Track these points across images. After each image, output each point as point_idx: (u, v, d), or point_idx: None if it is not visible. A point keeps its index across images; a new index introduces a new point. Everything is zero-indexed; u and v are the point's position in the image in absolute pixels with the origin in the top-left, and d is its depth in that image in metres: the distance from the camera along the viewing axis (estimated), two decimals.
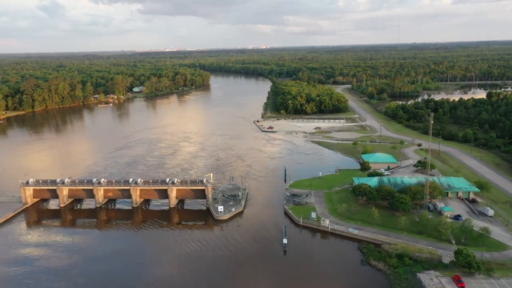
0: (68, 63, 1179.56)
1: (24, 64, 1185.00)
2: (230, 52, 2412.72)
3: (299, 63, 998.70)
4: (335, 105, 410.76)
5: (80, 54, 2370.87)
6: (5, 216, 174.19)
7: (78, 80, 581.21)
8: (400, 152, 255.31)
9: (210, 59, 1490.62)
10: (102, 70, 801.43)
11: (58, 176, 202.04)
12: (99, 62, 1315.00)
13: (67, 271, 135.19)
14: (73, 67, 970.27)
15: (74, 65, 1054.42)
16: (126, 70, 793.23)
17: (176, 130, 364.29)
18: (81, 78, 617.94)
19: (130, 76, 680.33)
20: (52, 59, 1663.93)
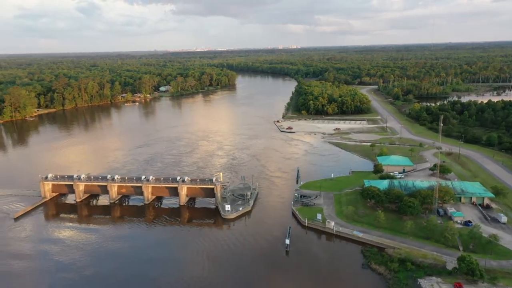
0: (101, 63, 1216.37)
1: (60, 63, 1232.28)
2: (260, 52, 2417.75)
3: (326, 63, 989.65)
4: (357, 106, 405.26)
5: (114, 54, 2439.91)
6: (23, 209, 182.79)
7: (107, 79, 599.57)
8: (418, 155, 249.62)
9: (238, 59, 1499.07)
10: (132, 70, 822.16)
11: (78, 172, 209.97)
12: (131, 61, 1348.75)
13: (77, 263, 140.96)
14: (105, 66, 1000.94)
15: (107, 65, 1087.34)
16: (154, 70, 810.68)
17: (197, 129, 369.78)
18: (111, 77, 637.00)
19: (157, 75, 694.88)
20: (87, 58, 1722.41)
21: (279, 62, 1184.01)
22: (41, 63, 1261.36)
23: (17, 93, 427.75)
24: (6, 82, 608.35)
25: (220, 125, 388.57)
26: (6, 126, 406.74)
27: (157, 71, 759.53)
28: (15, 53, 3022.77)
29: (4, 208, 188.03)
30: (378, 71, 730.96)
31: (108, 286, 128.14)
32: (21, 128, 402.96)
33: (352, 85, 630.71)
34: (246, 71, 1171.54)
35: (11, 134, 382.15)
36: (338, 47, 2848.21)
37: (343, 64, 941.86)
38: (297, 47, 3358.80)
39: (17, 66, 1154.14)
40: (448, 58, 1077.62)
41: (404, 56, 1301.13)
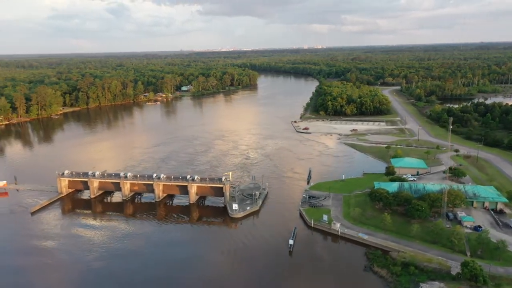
0: (127, 63, 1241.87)
1: (88, 63, 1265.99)
2: (284, 52, 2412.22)
3: (350, 64, 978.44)
4: (377, 107, 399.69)
5: (141, 54, 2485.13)
6: (40, 204, 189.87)
7: (130, 79, 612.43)
8: (434, 158, 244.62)
9: (262, 59, 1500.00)
10: (155, 70, 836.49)
11: (93, 169, 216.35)
12: (156, 61, 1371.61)
13: (87, 255, 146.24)
14: (130, 66, 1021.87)
15: (132, 65, 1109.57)
16: (177, 70, 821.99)
17: (214, 128, 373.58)
18: (134, 77, 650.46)
19: (179, 75, 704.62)
20: (114, 58, 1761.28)
21: (302, 62, 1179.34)
22: (70, 63, 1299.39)
23: (44, 92, 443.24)
24: (35, 81, 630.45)
25: (237, 124, 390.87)
26: (33, 123, 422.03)
27: (179, 71, 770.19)
28: (47, 53, 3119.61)
29: (23, 203, 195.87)
30: (402, 71, 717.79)
31: (116, 280, 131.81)
32: (46, 125, 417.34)
33: (375, 86, 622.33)
34: (269, 71, 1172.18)
35: (37, 131, 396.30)
36: (364, 47, 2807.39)
37: (367, 64, 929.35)
38: (322, 47, 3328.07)
39: (47, 66, 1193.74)
40: (477, 59, 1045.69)
41: (431, 56, 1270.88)
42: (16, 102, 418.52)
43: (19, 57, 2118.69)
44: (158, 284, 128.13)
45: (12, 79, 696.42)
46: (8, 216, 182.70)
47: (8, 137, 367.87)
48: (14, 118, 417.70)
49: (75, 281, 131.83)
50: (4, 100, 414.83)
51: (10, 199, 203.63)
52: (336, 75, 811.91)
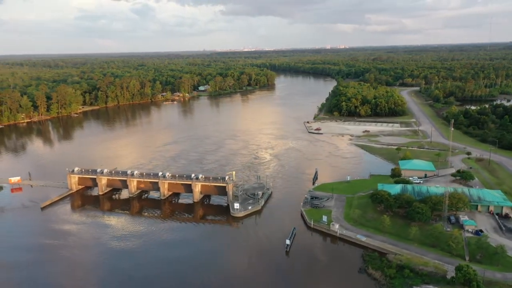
0: (149, 62, 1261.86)
1: (112, 63, 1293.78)
2: (306, 52, 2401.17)
3: (370, 64, 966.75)
4: (391, 108, 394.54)
5: (164, 54, 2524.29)
6: (50, 199, 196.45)
7: (149, 79, 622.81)
8: (445, 160, 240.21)
9: (282, 59, 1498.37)
10: (175, 69, 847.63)
11: (101, 166, 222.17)
12: (178, 61, 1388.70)
13: (91, 250, 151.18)
14: (151, 66, 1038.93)
15: (154, 64, 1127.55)
16: (196, 70, 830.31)
17: (227, 128, 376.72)
18: (153, 77, 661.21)
19: (197, 75, 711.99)
20: (137, 58, 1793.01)
21: (321, 62, 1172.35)
22: (94, 63, 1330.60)
23: (64, 91, 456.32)
24: (59, 81, 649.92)
25: (250, 124, 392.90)
26: (53, 121, 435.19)
27: (198, 71, 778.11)
28: (74, 53, 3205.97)
29: (35, 198, 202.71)
30: (422, 72, 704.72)
31: (116, 275, 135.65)
32: (65, 123, 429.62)
33: (393, 87, 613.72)
34: (288, 71, 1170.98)
35: (56, 129, 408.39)
36: (388, 47, 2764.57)
37: (388, 64, 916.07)
38: (345, 47, 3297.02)
39: (73, 65, 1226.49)
40: (504, 59, 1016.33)
41: (455, 56, 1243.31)
42: (37, 100, 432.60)
43: (47, 57, 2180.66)
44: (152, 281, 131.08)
45: (37, 78, 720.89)
46: (19, 210, 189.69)
47: (29, 134, 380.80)
48: (35, 116, 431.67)
49: (77, 276, 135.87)
50: (26, 98, 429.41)
51: (24, 194, 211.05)
52: (355, 76, 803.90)
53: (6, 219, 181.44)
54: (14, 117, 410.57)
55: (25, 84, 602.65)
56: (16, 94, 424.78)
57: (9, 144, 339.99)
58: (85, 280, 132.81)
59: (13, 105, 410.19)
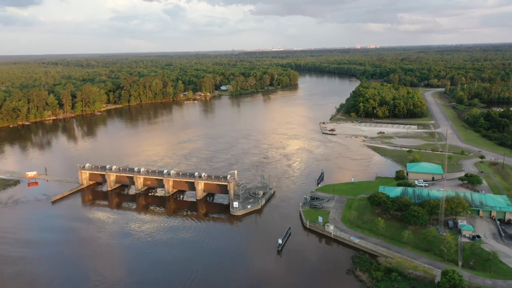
0: (176, 62, 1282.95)
1: (141, 62, 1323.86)
2: (334, 51, 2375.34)
3: (396, 64, 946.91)
4: (410, 109, 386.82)
5: (192, 54, 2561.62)
6: (61, 194, 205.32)
7: (172, 78, 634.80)
8: (456, 164, 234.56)
9: (308, 59, 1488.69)
10: (200, 69, 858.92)
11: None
12: (204, 61, 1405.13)
13: (98, 241, 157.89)
14: (178, 65, 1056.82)
15: (180, 64, 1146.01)
16: (221, 69, 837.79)
17: (242, 127, 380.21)
18: (176, 76, 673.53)
19: (220, 75, 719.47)
20: (167, 58, 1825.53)
21: (347, 62, 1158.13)
22: (124, 62, 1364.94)
23: (88, 90, 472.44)
24: (87, 80, 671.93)
25: (266, 124, 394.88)
26: (77, 119, 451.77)
27: (221, 71, 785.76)
28: (107, 53, 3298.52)
29: (49, 192, 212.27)
30: (450, 72, 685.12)
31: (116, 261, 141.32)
32: (89, 121, 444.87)
33: (417, 88, 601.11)
34: (313, 71, 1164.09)
35: (80, 126, 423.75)
36: (420, 47, 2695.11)
37: (415, 65, 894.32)
38: (375, 47, 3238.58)
39: (103, 65, 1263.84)
40: None
41: (488, 56, 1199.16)
42: (63, 99, 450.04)
43: (81, 57, 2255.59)
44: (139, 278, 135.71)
45: (68, 77, 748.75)
46: (32, 203, 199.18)
47: (53, 131, 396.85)
48: (61, 114, 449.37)
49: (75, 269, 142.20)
50: (53, 97, 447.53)
51: (39, 188, 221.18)
52: (380, 76, 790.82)
53: (16, 211, 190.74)
54: (40, 114, 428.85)
55: (55, 83, 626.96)
56: (43, 92, 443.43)
57: (33, 140, 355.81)
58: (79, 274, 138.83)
59: (39, 103, 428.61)
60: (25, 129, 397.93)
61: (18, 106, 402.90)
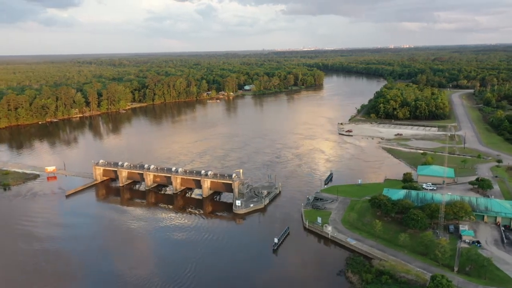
0: (204, 62, 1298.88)
1: (170, 62, 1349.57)
2: (365, 51, 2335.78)
3: (426, 64, 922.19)
4: (432, 111, 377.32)
5: (222, 53, 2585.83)
6: (75, 188, 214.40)
7: (197, 77, 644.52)
8: (471, 167, 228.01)
9: (336, 59, 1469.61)
10: (226, 69, 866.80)
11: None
12: (233, 60, 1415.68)
13: (105, 233, 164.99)
14: (205, 65, 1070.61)
15: (209, 64, 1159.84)
16: (247, 69, 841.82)
17: (259, 126, 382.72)
18: (201, 75, 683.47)
19: (245, 74, 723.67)
20: (197, 57, 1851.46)
21: (376, 62, 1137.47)
22: (155, 62, 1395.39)
23: (114, 89, 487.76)
24: (117, 78, 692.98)
25: (283, 123, 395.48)
26: (102, 117, 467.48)
27: (246, 70, 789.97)
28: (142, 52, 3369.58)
29: (65, 186, 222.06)
30: (481, 73, 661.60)
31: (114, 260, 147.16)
32: (113, 119, 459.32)
33: (445, 89, 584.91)
34: (341, 71, 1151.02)
35: (104, 124, 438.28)
36: (456, 46, 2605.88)
37: (445, 65, 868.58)
38: (409, 46, 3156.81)
39: (135, 64, 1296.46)
40: None
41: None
42: (89, 97, 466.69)
43: (116, 56, 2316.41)
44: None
45: (99, 76, 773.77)
46: (47, 197, 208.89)
47: (79, 128, 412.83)
48: (87, 112, 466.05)
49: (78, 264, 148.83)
50: (80, 95, 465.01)
51: (57, 183, 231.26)
52: (408, 76, 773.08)
53: (30, 204, 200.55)
54: (68, 112, 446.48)
55: (86, 81, 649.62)
56: (71, 90, 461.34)
57: (59, 137, 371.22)
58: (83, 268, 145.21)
59: (67, 101, 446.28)
60: (52, 125, 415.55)
61: (47, 104, 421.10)
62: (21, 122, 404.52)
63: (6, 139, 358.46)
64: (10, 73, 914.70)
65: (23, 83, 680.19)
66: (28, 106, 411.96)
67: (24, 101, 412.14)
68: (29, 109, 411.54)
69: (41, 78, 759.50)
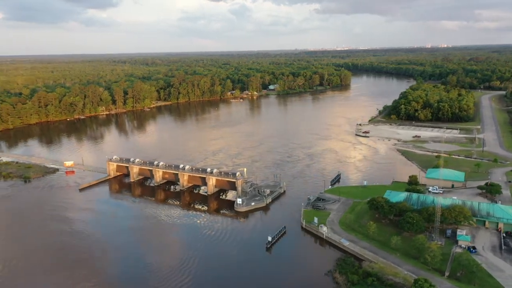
0: (234, 61, 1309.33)
1: (201, 61, 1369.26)
2: (400, 51, 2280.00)
3: (460, 65, 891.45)
4: (455, 113, 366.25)
5: (253, 53, 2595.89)
6: (88, 182, 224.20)
7: (223, 77, 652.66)
8: (485, 171, 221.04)
9: (366, 59, 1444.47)
10: (253, 68, 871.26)
11: (134, 156, 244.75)
12: (262, 60, 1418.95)
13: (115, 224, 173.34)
14: (234, 64, 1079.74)
15: (238, 63, 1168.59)
16: (273, 68, 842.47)
17: (276, 126, 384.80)
18: (227, 75, 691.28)
19: (270, 74, 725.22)
20: (228, 57, 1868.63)
21: (407, 62, 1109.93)
22: (185, 61, 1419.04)
23: (139, 87, 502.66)
24: (147, 77, 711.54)
25: (301, 123, 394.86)
26: (127, 114, 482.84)
27: (272, 70, 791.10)
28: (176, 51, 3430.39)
29: (81, 180, 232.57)
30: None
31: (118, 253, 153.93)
32: (138, 116, 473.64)
33: (476, 90, 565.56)
34: (371, 71, 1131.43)
35: (129, 121, 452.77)
36: (497, 46, 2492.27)
37: (480, 65, 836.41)
38: (447, 46, 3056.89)
39: (166, 64, 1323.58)
40: None
41: None
42: (115, 95, 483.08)
43: (152, 55, 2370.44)
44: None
45: (130, 75, 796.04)
46: (62, 190, 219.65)
47: (105, 125, 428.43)
48: (113, 109, 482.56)
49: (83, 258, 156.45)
50: (107, 93, 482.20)
51: (74, 177, 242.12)
52: (439, 77, 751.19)
53: (45, 195, 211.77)
54: (95, 109, 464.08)
55: (116, 80, 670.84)
56: (98, 88, 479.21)
57: (84, 133, 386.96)
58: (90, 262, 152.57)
59: (94, 99, 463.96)
60: (80, 122, 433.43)
61: (75, 101, 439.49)
62: (51, 119, 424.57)
63: (35, 135, 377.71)
64: (48, 72, 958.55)
65: (59, 81, 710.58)
66: (57, 104, 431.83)
67: (54, 98, 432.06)
68: (58, 106, 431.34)
69: (75, 76, 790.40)
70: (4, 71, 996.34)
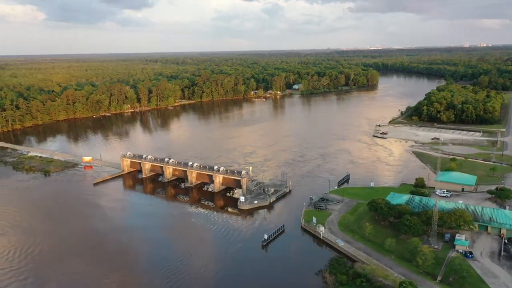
0: (262, 60, 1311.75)
1: (230, 60, 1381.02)
2: (434, 50, 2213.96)
3: (496, 65, 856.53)
4: (479, 115, 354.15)
5: (285, 52, 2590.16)
6: (102, 177, 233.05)
7: (247, 76, 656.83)
8: (501, 176, 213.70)
9: (398, 59, 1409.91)
10: (280, 67, 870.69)
11: (146, 153, 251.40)
12: (291, 59, 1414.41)
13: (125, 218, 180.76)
14: (262, 64, 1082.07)
15: (266, 63, 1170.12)
16: (300, 68, 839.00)
17: (295, 126, 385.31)
18: (251, 74, 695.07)
19: (295, 74, 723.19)
20: (259, 56, 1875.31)
21: (440, 62, 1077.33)
22: (215, 60, 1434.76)
23: (163, 86, 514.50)
24: (174, 76, 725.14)
25: (320, 123, 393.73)
26: (151, 112, 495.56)
27: (298, 69, 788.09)
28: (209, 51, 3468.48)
29: (97, 175, 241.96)
30: None
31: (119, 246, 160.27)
32: (162, 114, 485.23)
33: (509, 91, 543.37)
34: (401, 71, 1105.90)
35: (153, 119, 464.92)
36: None
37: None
38: (487, 45, 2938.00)
39: (197, 63, 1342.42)
40: None
41: None
42: (140, 93, 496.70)
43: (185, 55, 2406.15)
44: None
45: (159, 74, 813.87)
46: (77, 183, 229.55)
47: (129, 122, 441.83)
48: (138, 107, 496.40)
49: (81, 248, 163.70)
50: (132, 91, 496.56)
51: (91, 172, 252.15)
52: (471, 77, 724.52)
53: (62, 188, 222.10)
54: (120, 107, 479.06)
55: (144, 79, 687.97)
56: (123, 87, 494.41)
57: (108, 129, 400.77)
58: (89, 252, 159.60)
59: (120, 97, 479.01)
60: (105, 119, 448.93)
61: (101, 99, 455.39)
62: (78, 116, 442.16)
63: (62, 131, 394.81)
64: (83, 70, 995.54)
65: (91, 79, 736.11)
66: (84, 101, 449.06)
67: (81, 96, 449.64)
68: (85, 103, 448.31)
69: (107, 75, 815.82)
70: (42, 69, 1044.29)
